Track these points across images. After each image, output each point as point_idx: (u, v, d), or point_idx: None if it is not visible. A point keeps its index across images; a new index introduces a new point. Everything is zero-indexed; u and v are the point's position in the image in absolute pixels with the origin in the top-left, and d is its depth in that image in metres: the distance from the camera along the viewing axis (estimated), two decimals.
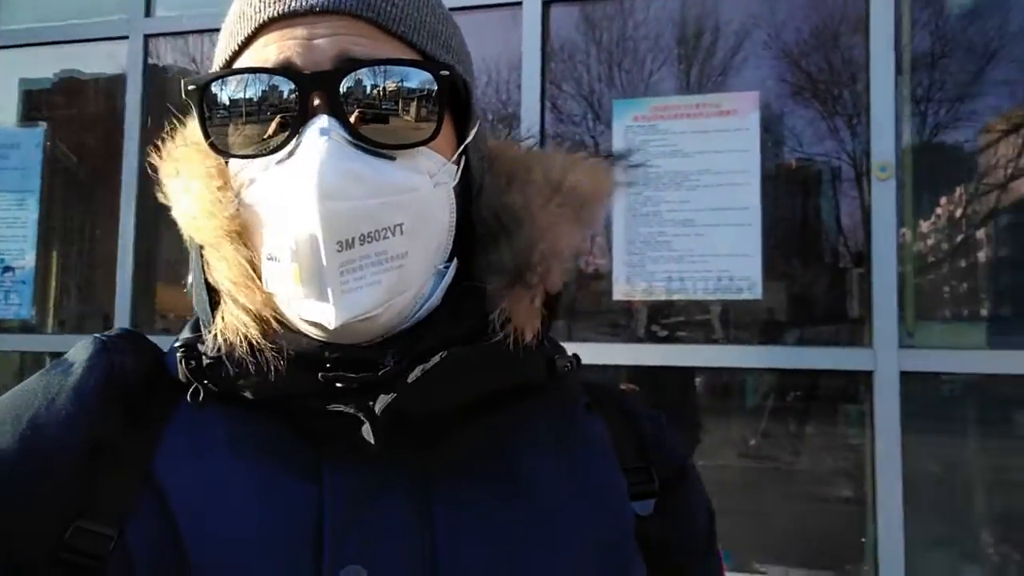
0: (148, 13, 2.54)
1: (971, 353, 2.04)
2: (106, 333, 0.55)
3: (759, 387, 2.38)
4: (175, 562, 0.45)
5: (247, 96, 0.48)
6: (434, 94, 0.49)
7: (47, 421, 0.48)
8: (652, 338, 2.23)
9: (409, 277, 0.50)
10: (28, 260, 2.40)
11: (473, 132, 0.54)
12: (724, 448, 2.48)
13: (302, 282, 0.47)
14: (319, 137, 0.46)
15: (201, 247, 0.52)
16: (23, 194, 2.40)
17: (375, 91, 0.48)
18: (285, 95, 0.48)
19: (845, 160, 2.21)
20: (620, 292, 2.14)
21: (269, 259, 0.48)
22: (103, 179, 2.55)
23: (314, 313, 0.47)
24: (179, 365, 0.51)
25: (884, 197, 1.99)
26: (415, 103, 0.49)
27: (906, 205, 2.07)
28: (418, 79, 0.49)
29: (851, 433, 2.22)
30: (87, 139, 2.71)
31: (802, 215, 2.29)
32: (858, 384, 2.10)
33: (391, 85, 0.48)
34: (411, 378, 0.48)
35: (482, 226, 0.55)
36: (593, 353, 2.22)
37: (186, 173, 0.53)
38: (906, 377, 1.97)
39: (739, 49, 2.19)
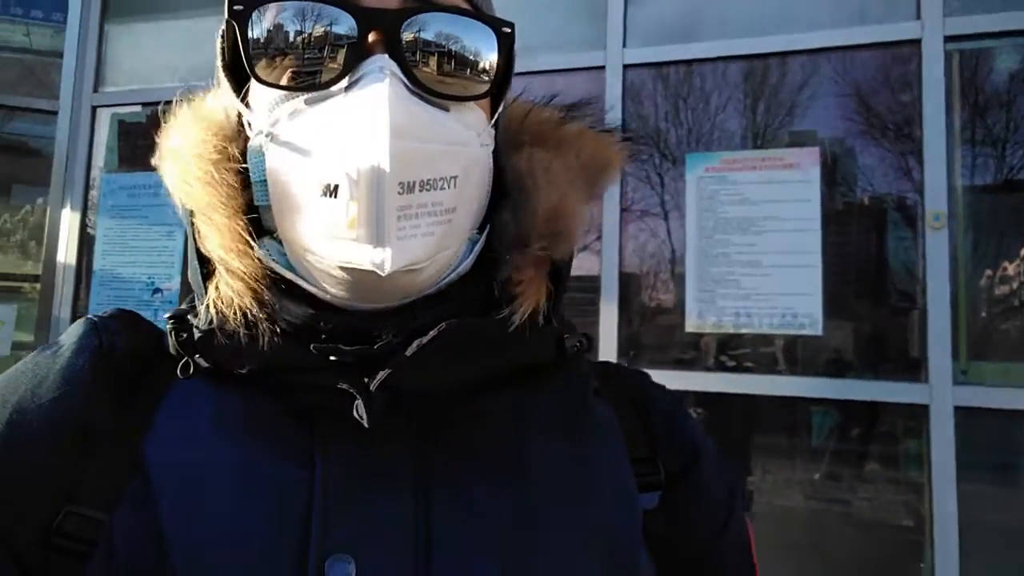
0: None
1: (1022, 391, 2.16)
2: (99, 314, 0.52)
3: (820, 419, 2.53)
4: (153, 554, 0.43)
5: (300, 25, 0.44)
6: (494, 51, 0.47)
7: (35, 404, 0.46)
8: (720, 367, 2.42)
9: (455, 234, 0.46)
10: (174, 283, 2.78)
11: (508, 101, 0.53)
12: (784, 481, 2.62)
13: (359, 222, 0.42)
14: (380, 74, 0.42)
15: (192, 215, 0.48)
16: (171, 227, 2.80)
17: (437, 38, 0.45)
18: (343, 29, 0.44)
19: (901, 208, 2.39)
20: (692, 325, 2.35)
21: (316, 199, 0.43)
22: None
23: (366, 256, 0.42)
24: (170, 337, 0.49)
25: (938, 245, 2.16)
26: (473, 57, 0.46)
27: (959, 252, 2.23)
28: (481, 33, 0.46)
29: (909, 467, 2.35)
30: None
31: (861, 258, 2.46)
32: (914, 417, 2.24)
33: (453, 34, 0.45)
34: (409, 351, 0.44)
35: (497, 191, 0.52)
36: (664, 380, 2.43)
37: (185, 141, 0.49)
38: (960, 412, 2.11)
39: (799, 107, 2.41)
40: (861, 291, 2.44)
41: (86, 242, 3.17)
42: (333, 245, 0.44)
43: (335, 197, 0.43)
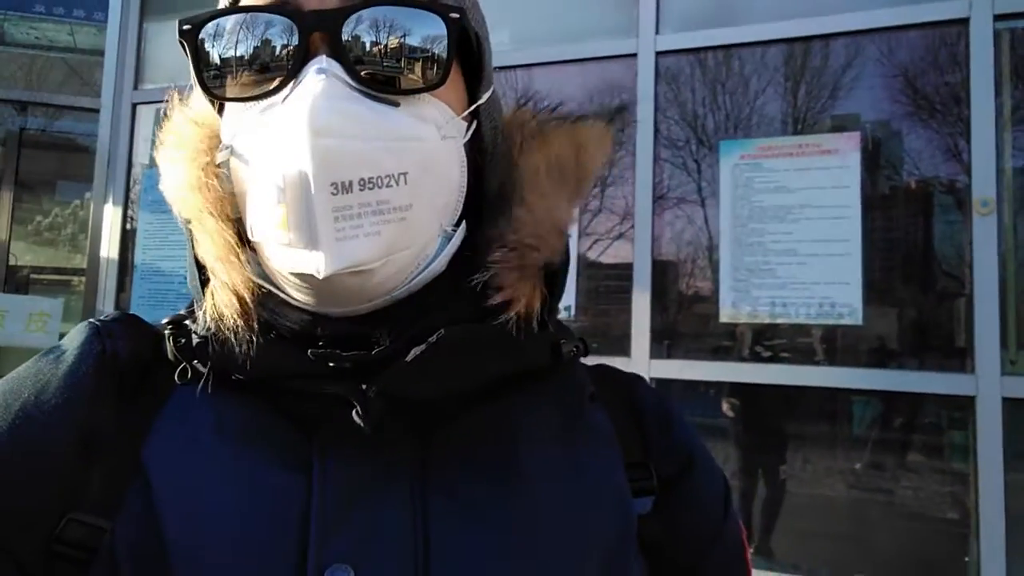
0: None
1: None
2: (101, 317, 0.52)
3: (861, 410, 2.48)
4: (154, 560, 0.42)
5: (243, 37, 0.44)
6: (443, 39, 0.45)
7: (37, 410, 0.45)
8: (755, 358, 2.38)
9: (413, 232, 0.44)
10: None
11: (487, 95, 0.51)
12: (824, 470, 2.57)
13: (289, 226, 0.42)
14: (316, 76, 0.42)
15: (188, 222, 0.49)
16: None
17: (379, 33, 0.44)
18: (284, 35, 0.44)
19: (946, 193, 2.32)
20: (726, 315, 2.31)
21: (257, 209, 0.44)
22: None
23: (302, 262, 0.42)
24: (167, 343, 0.49)
25: (985, 230, 2.09)
26: (421, 47, 0.45)
27: (1007, 238, 2.15)
28: (426, 22, 0.45)
29: (954, 458, 2.28)
30: None
31: (903, 245, 2.39)
32: (961, 410, 2.17)
33: (397, 27, 0.45)
34: (409, 357, 0.44)
35: (490, 195, 0.52)
36: (699, 371, 2.40)
37: (178, 146, 0.49)
38: (1008, 403, 2.04)
39: (840, 91, 2.34)
40: (903, 279, 2.37)
41: (128, 237, 3.25)
42: (278, 252, 0.44)
43: (266, 205, 0.43)
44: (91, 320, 0.51)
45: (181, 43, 0.46)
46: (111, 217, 3.27)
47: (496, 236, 0.49)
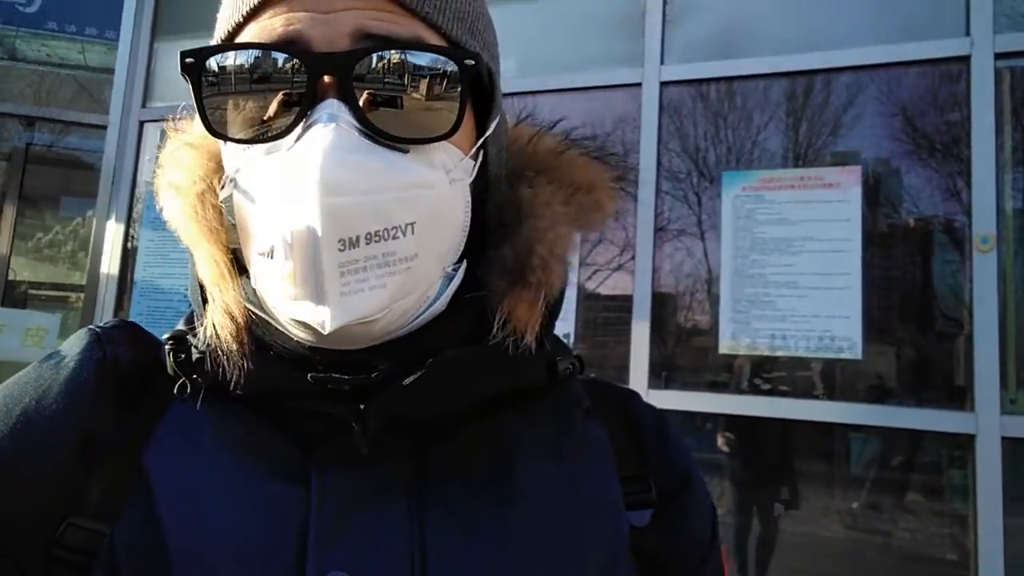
0: None
1: None
2: (101, 324, 0.52)
3: (859, 447, 2.46)
4: (156, 566, 0.43)
5: (249, 75, 0.43)
6: (457, 85, 0.44)
7: (38, 416, 0.45)
8: (754, 391, 2.37)
9: (417, 280, 0.44)
10: None
11: (493, 126, 0.49)
12: (820, 509, 2.54)
13: (296, 281, 0.41)
14: (327, 122, 0.41)
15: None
16: None
17: (392, 76, 0.43)
18: (292, 75, 0.42)
19: (946, 229, 2.32)
20: (725, 346, 2.31)
21: (261, 255, 0.43)
22: None
23: (308, 315, 0.42)
24: (167, 358, 0.49)
25: (985, 268, 2.09)
26: (436, 93, 0.44)
27: (1008, 275, 2.15)
28: (442, 67, 0.43)
29: (954, 498, 2.26)
30: None
31: (903, 281, 2.39)
32: (960, 448, 2.15)
33: (411, 71, 0.43)
34: (407, 381, 0.45)
35: (491, 219, 0.51)
36: (697, 403, 2.38)
37: (177, 172, 0.50)
38: (1008, 443, 2.02)
39: (842, 126, 2.36)
40: (903, 315, 2.37)
41: (129, 254, 3.25)
42: (281, 301, 0.44)
43: (271, 258, 0.43)
44: (91, 327, 0.51)
45: (183, 75, 0.45)
46: (112, 234, 3.27)
47: (499, 260, 0.49)
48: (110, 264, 3.25)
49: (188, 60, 0.44)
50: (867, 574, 2.37)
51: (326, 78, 0.42)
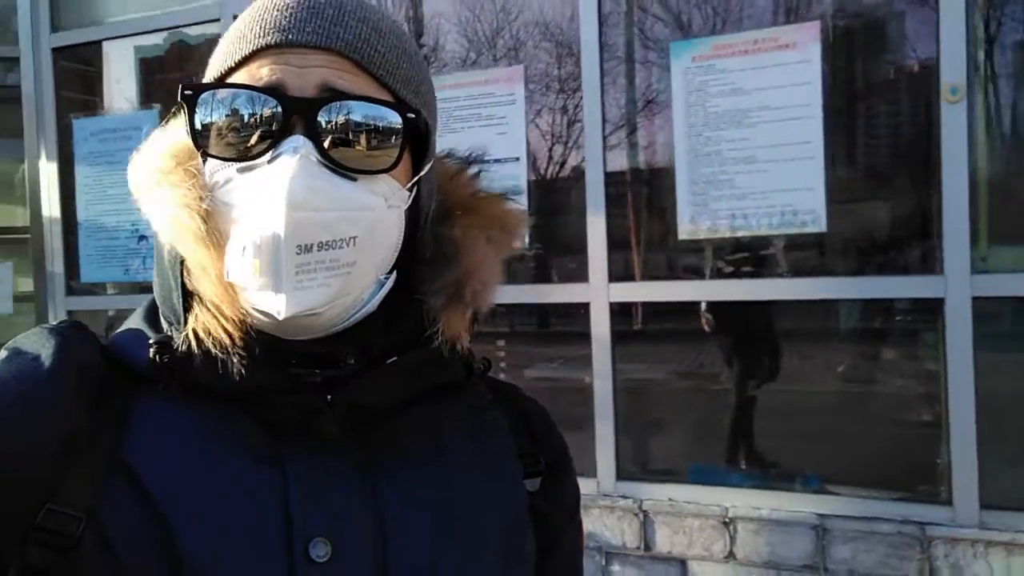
0: None
1: None
2: (58, 325, 0.57)
3: (831, 318, 2.41)
4: (154, 535, 0.50)
5: (238, 107, 0.54)
6: (399, 132, 0.55)
7: (21, 411, 0.51)
8: (718, 275, 2.29)
9: (354, 283, 0.55)
10: None
11: (427, 168, 0.61)
12: (799, 378, 2.53)
13: (260, 274, 0.51)
14: (293, 153, 0.52)
15: (179, 256, 0.56)
16: None
17: (347, 121, 0.54)
18: (271, 112, 0.53)
19: (913, 83, 2.16)
20: (685, 231, 2.20)
21: (234, 251, 0.52)
22: None
23: (267, 304, 0.52)
24: (155, 359, 0.54)
25: (955, 120, 1.95)
26: (380, 136, 0.55)
27: (978, 127, 2.02)
28: (387, 117, 0.55)
29: (926, 358, 2.23)
30: None
31: (868, 143, 2.26)
32: (930, 311, 2.10)
33: (362, 118, 0.54)
34: (369, 376, 0.57)
35: (426, 249, 0.62)
36: (661, 292, 2.31)
37: (163, 185, 0.56)
38: (979, 303, 1.96)
39: None
40: (869, 180, 2.25)
41: (70, 193, 3.10)
42: (246, 291, 0.53)
43: (243, 255, 0.52)
44: (50, 327, 0.57)
45: (180, 104, 0.56)
46: (48, 173, 3.11)
47: (437, 281, 0.60)
48: (50, 206, 3.11)
49: (187, 92, 0.55)
50: (847, 432, 2.38)
51: (296, 117, 0.53)
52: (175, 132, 0.59)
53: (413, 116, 0.56)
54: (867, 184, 2.26)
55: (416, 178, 0.60)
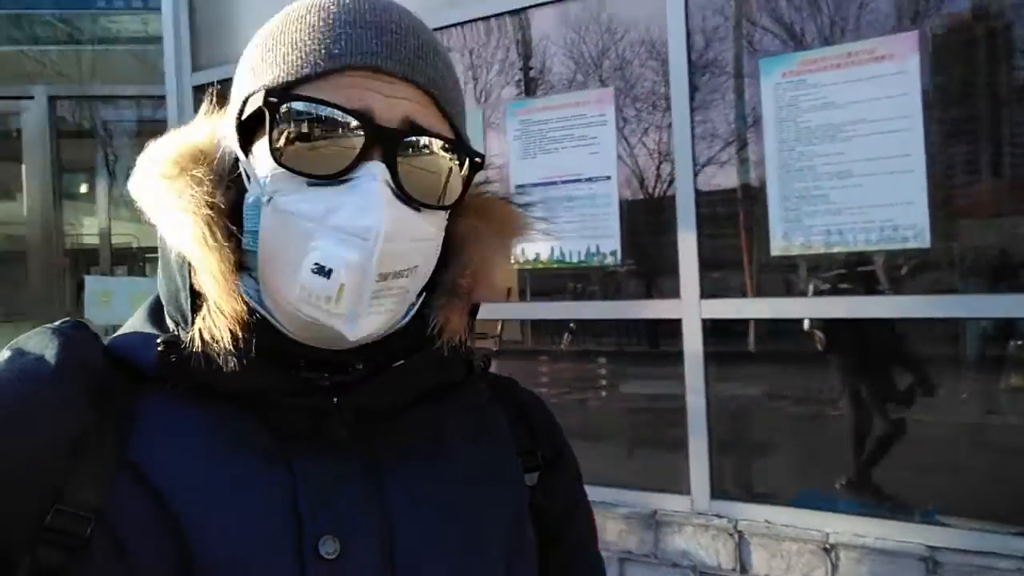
0: None
1: None
2: (60, 325, 0.57)
3: (945, 340, 2.29)
4: (164, 533, 0.50)
5: (323, 124, 0.53)
6: (464, 173, 0.58)
7: (27, 411, 0.50)
8: (813, 292, 2.23)
9: (405, 306, 0.58)
10: None
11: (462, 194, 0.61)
12: (910, 401, 2.41)
13: (344, 300, 0.52)
14: (374, 180, 0.52)
15: (183, 258, 0.56)
16: None
17: (422, 156, 0.55)
18: (356, 135, 0.53)
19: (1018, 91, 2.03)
20: (777, 247, 2.18)
21: (316, 272, 0.52)
22: None
23: (341, 326, 0.53)
24: (166, 359, 0.54)
25: None
26: (449, 176, 0.57)
27: None
28: (457, 156, 0.57)
29: None
30: None
31: (973, 154, 2.14)
32: None
33: (434, 155, 0.56)
34: (377, 380, 0.58)
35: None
36: (753, 309, 2.28)
37: (169, 192, 0.56)
38: None
39: None
40: (975, 193, 2.13)
41: None
42: (312, 308, 0.53)
43: (327, 277, 0.52)
44: (53, 328, 0.56)
45: (262, 109, 0.54)
46: None
47: (442, 283, 0.62)
48: None
49: (271, 99, 0.54)
50: (962, 463, 2.25)
51: (378, 144, 0.54)
52: (175, 140, 0.59)
53: (480, 161, 0.59)
54: (975, 199, 2.14)
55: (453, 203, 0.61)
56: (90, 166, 4.12)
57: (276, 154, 0.54)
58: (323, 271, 0.52)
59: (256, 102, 0.54)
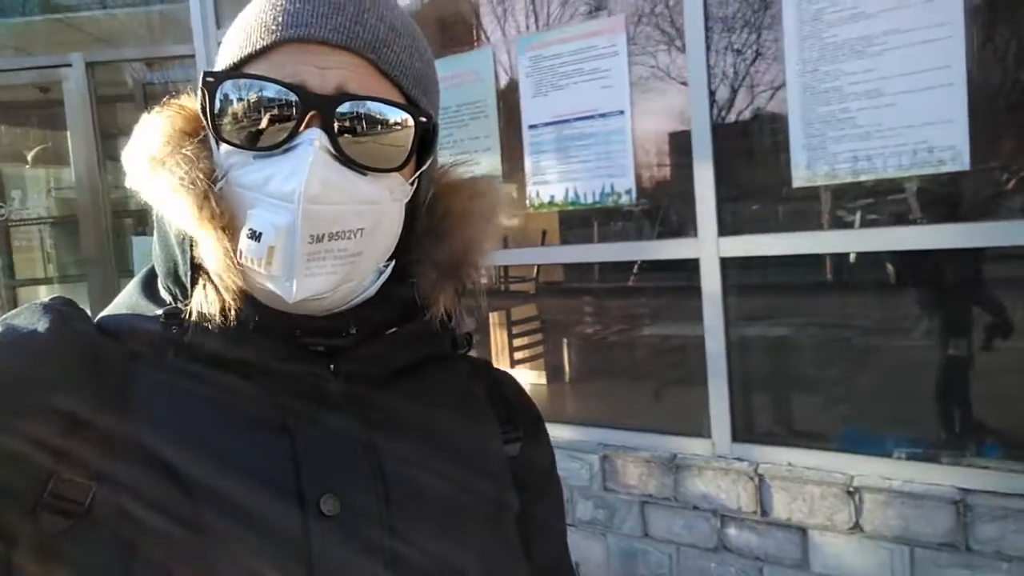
0: None
1: None
2: (50, 301, 0.58)
3: (983, 268, 2.11)
4: (167, 498, 0.51)
5: (260, 98, 0.56)
6: (408, 133, 0.59)
7: (22, 386, 0.51)
8: (838, 224, 2.08)
9: (358, 271, 0.59)
10: None
11: (428, 163, 0.64)
12: (957, 332, 2.25)
13: (274, 262, 0.54)
14: (310, 144, 0.54)
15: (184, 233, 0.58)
16: None
17: (361, 119, 0.57)
18: (291, 105, 0.55)
19: None
20: (800, 179, 2.02)
21: (249, 236, 0.55)
22: None
23: (278, 287, 0.55)
24: (168, 331, 0.58)
25: None
26: (391, 136, 0.58)
27: None
28: (398, 118, 0.58)
29: None
30: None
31: (1021, 66, 1.92)
32: None
33: (375, 118, 0.57)
34: (369, 347, 0.61)
35: (424, 229, 0.66)
36: (774, 244, 2.15)
37: (162, 169, 0.58)
38: None
39: None
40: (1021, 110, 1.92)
41: None
42: (254, 273, 0.56)
43: (258, 241, 0.54)
44: (43, 303, 0.58)
45: (202, 90, 0.57)
46: None
47: (428, 260, 0.65)
48: None
49: (208, 79, 0.57)
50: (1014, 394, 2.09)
51: (314, 112, 0.56)
52: (165, 119, 0.61)
53: (425, 120, 0.60)
54: (1019, 116, 1.93)
55: (418, 173, 0.63)
56: (131, 129, 4.21)
57: (217, 131, 0.57)
58: (255, 235, 0.55)
59: (199, 85, 0.58)
